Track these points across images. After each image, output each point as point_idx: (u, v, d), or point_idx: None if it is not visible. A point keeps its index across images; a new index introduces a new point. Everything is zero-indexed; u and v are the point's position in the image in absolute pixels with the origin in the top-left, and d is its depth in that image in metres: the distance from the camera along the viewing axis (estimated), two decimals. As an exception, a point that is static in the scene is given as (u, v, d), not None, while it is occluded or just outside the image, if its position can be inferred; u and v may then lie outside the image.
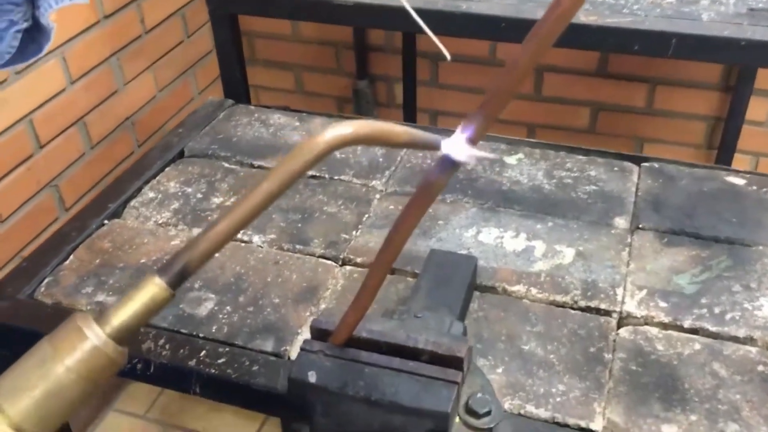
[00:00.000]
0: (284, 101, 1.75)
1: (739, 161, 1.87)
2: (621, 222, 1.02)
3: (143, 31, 1.81)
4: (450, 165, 0.51)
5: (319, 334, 0.66)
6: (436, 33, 1.20)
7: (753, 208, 1.02)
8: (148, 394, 1.91)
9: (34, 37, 0.66)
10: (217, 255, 0.97)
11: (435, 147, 0.51)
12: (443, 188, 0.53)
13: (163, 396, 1.90)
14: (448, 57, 0.92)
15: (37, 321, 0.89)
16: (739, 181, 1.07)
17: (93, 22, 1.64)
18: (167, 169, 1.16)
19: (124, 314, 0.46)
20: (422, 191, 0.53)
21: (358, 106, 2.11)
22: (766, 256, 0.95)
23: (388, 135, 0.49)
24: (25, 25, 0.64)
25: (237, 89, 1.44)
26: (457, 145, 0.49)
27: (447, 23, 1.17)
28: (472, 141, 0.48)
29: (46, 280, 0.96)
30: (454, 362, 0.63)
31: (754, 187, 1.06)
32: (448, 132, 0.52)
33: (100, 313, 0.46)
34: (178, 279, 0.47)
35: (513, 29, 1.13)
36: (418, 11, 1.16)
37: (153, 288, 0.46)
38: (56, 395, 0.45)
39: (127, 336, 0.46)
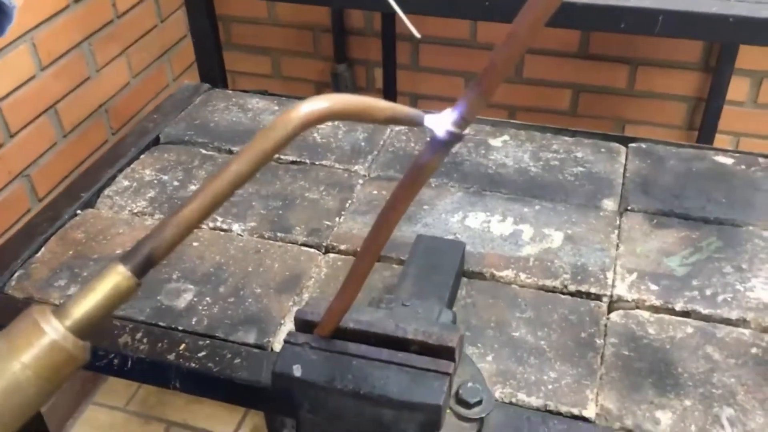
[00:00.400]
0: (262, 86, 1.71)
1: (721, 141, 1.87)
2: (609, 204, 1.00)
3: (115, 15, 1.76)
4: (441, 146, 0.49)
5: (303, 325, 0.63)
6: (421, 13, 1.17)
7: (742, 188, 1.01)
8: (128, 387, 1.87)
9: None
10: (195, 244, 0.94)
11: (418, 123, 0.48)
12: (435, 170, 0.50)
13: (142, 389, 1.87)
14: (417, 35, 0.89)
15: (7, 316, 0.84)
16: (727, 160, 1.06)
17: (63, 6, 1.59)
18: (142, 156, 1.12)
19: (85, 305, 0.42)
20: (413, 174, 0.51)
21: (337, 90, 2.07)
22: (756, 236, 0.93)
23: (367, 109, 0.46)
24: None
25: (213, 74, 1.40)
26: (440, 121, 0.46)
27: (432, 2, 1.14)
28: (466, 119, 0.46)
29: (17, 274, 0.92)
30: (445, 352, 0.61)
31: (743, 167, 1.05)
32: (432, 113, 0.49)
33: (59, 306, 0.43)
34: (144, 267, 0.43)
35: (499, 7, 1.10)
36: (400, -10, 1.13)
37: (116, 277, 0.43)
38: (12, 395, 0.41)
39: (89, 329, 0.43)
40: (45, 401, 0.43)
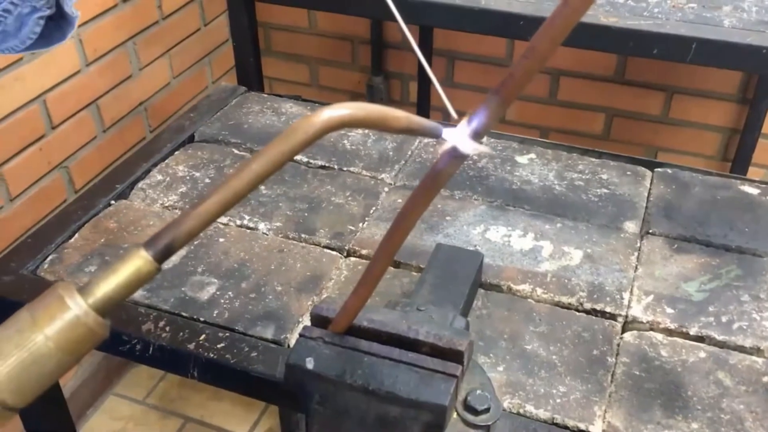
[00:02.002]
0: (298, 93, 1.75)
1: (754, 174, 1.85)
2: (631, 226, 1.00)
3: (160, 17, 1.81)
4: (458, 155, 0.50)
5: (319, 320, 0.65)
6: (454, 28, 1.19)
7: (766, 219, 1.01)
8: (149, 380, 1.91)
9: (58, 24, 0.66)
10: (221, 240, 0.97)
11: (435, 135, 0.50)
12: (450, 177, 0.52)
13: (163, 382, 1.91)
14: (455, 115, 0.91)
15: (38, 297, 0.88)
16: (753, 190, 1.06)
17: (111, 6, 1.64)
18: (177, 152, 1.15)
19: (107, 286, 0.44)
20: (429, 180, 0.52)
21: (372, 101, 2.10)
22: (777, 267, 0.93)
23: (386, 119, 0.48)
24: (47, 12, 0.63)
25: (251, 79, 1.44)
26: (459, 135, 0.48)
27: (465, 19, 1.16)
28: (481, 130, 0.47)
29: (50, 257, 0.95)
30: (454, 356, 0.62)
31: (768, 198, 1.05)
32: (451, 126, 0.51)
33: (84, 284, 0.45)
34: (164, 253, 0.45)
35: (532, 27, 1.12)
36: (438, 6, 1.15)
37: (138, 261, 0.45)
38: (33, 365, 0.43)
39: (110, 308, 0.45)
40: (62, 374, 0.45)
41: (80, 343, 0.44)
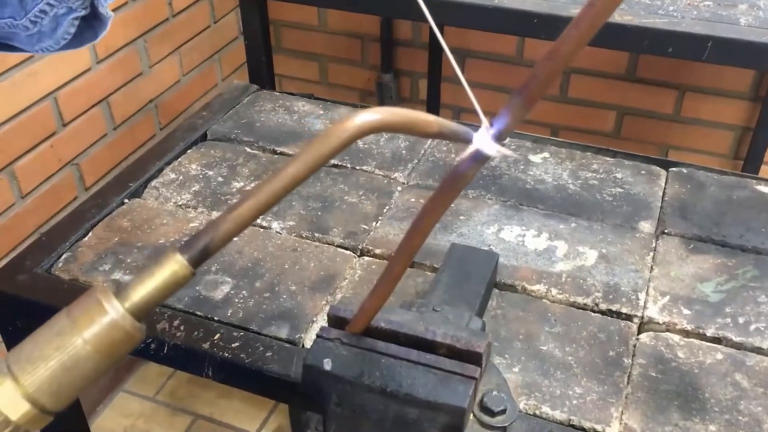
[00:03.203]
0: (307, 91, 1.75)
1: (767, 173, 1.84)
2: (646, 226, 1.00)
3: (170, 14, 1.81)
4: (481, 158, 0.50)
5: (336, 321, 0.65)
6: (467, 27, 1.19)
7: (782, 219, 1.00)
8: (158, 377, 1.91)
9: (91, 24, 0.66)
10: (235, 239, 0.97)
11: (466, 140, 0.49)
12: (472, 179, 0.52)
13: (172, 380, 1.91)
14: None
15: (53, 296, 0.88)
16: (769, 190, 1.05)
17: (122, 3, 1.64)
18: (189, 151, 1.15)
19: (144, 290, 0.45)
20: (450, 182, 0.52)
21: (381, 99, 2.10)
22: (794, 268, 0.93)
23: (418, 124, 0.48)
24: (83, 12, 0.63)
25: (262, 76, 1.43)
26: (488, 141, 0.48)
27: (479, 17, 1.15)
28: (504, 131, 0.47)
29: (64, 256, 0.95)
30: (472, 357, 0.62)
31: (784, 198, 1.04)
32: (476, 126, 0.50)
33: (120, 288, 0.45)
34: (200, 258, 0.45)
35: (546, 25, 1.11)
36: (451, 3, 1.15)
37: (174, 265, 0.45)
38: (71, 368, 0.44)
39: (146, 312, 0.45)
40: (99, 377, 0.45)
41: (117, 346, 0.44)
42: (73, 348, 0.43)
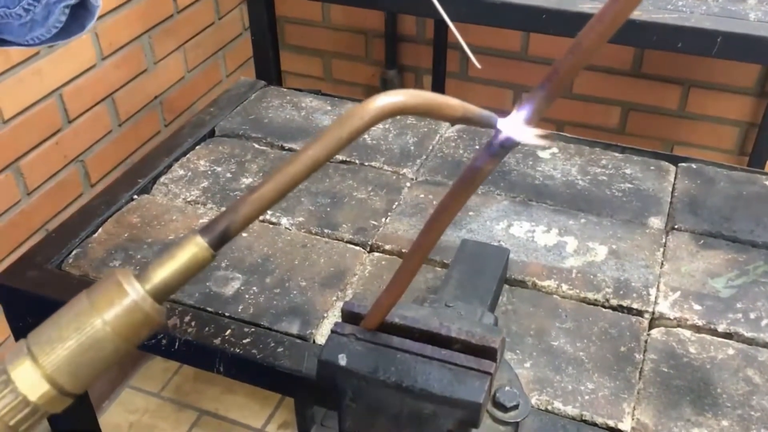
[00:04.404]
0: (312, 87, 1.74)
1: (771, 169, 1.84)
2: (656, 222, 1.00)
3: (175, 10, 1.80)
4: (500, 150, 0.50)
5: (350, 317, 0.65)
6: (475, 23, 1.18)
7: (792, 215, 1.00)
8: (164, 373, 1.92)
9: (77, 15, 0.66)
10: (245, 235, 0.97)
11: (490, 124, 0.49)
12: (490, 173, 0.51)
13: (178, 376, 1.91)
14: (478, 65, 0.91)
15: (64, 292, 0.87)
16: (778, 186, 1.05)
17: (126, 0, 1.64)
18: (198, 147, 1.15)
19: (164, 272, 0.44)
20: (468, 176, 0.52)
21: (386, 95, 2.09)
22: (805, 263, 0.92)
23: (441, 107, 0.47)
24: (73, 1, 0.63)
25: (269, 72, 1.43)
26: (513, 125, 0.47)
27: (487, 13, 1.15)
28: (529, 121, 0.47)
29: (74, 252, 0.95)
30: (487, 352, 0.62)
31: (794, 193, 1.04)
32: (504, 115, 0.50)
33: (141, 270, 0.45)
34: (220, 240, 0.45)
35: (554, 21, 1.11)
36: (459, 0, 1.15)
37: (194, 248, 0.44)
38: (90, 349, 0.43)
39: (167, 294, 0.45)
40: (118, 360, 0.44)
41: (137, 328, 0.44)
42: (92, 329, 0.43)
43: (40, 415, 0.44)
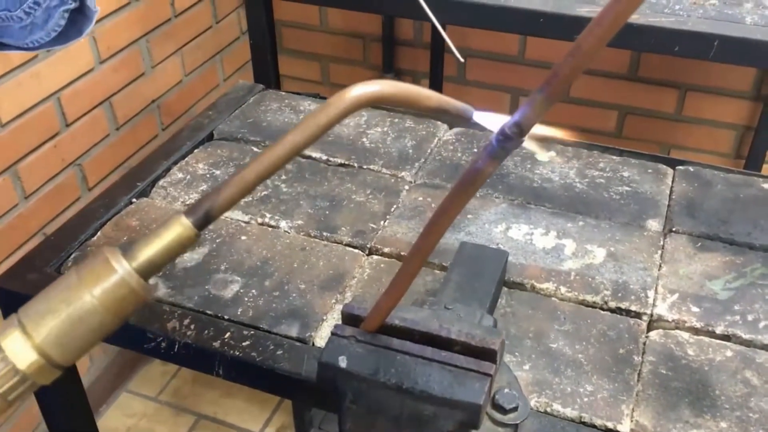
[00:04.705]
0: (310, 91, 1.75)
1: (768, 172, 1.85)
2: (654, 224, 1.00)
3: (173, 14, 1.81)
4: (497, 152, 0.50)
5: (350, 319, 0.65)
6: (473, 26, 1.19)
7: (789, 217, 1.00)
8: (161, 377, 1.91)
9: (75, 20, 0.68)
10: (243, 238, 0.97)
11: (466, 116, 0.50)
12: (489, 176, 0.52)
13: (175, 379, 1.91)
14: (461, 59, 0.93)
15: (62, 295, 0.88)
16: (775, 188, 1.05)
17: (124, 3, 1.65)
18: (196, 150, 1.15)
19: (150, 250, 0.47)
20: (467, 178, 0.52)
21: (384, 99, 2.10)
22: (802, 265, 0.93)
23: (416, 97, 0.49)
24: (72, 5, 0.65)
25: (267, 75, 1.43)
26: (493, 120, 0.48)
27: (485, 16, 1.15)
28: (525, 126, 0.47)
29: (73, 255, 0.95)
30: (487, 354, 0.62)
31: (790, 196, 1.04)
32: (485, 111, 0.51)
33: (127, 248, 0.47)
34: (204, 220, 0.48)
35: (552, 24, 1.11)
36: (456, 3, 1.15)
37: (179, 227, 0.47)
38: (78, 321, 0.45)
39: (153, 271, 0.47)
40: (105, 335, 0.47)
41: (124, 302, 0.46)
42: (80, 302, 0.45)
43: (28, 386, 0.46)
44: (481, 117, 0.49)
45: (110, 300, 0.46)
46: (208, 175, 1.10)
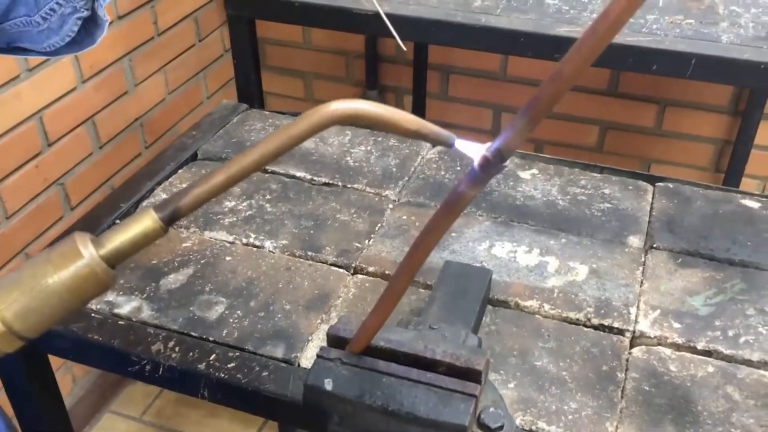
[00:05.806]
0: (293, 108, 1.75)
1: (747, 185, 1.88)
2: (635, 241, 1.01)
3: (156, 32, 1.81)
4: (479, 175, 0.51)
5: (335, 341, 0.65)
6: (455, 46, 1.20)
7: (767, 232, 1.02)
8: (145, 397, 1.90)
9: (88, 28, 0.70)
10: (228, 259, 0.97)
11: (447, 144, 0.51)
12: (472, 199, 0.52)
13: (159, 399, 1.89)
14: (403, 47, 0.93)
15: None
16: (754, 204, 1.07)
17: (108, 22, 1.64)
18: (180, 171, 1.15)
19: (118, 240, 0.49)
20: (451, 201, 0.53)
21: (367, 116, 2.11)
22: (780, 280, 0.94)
23: (395, 120, 0.50)
24: (85, 13, 0.68)
25: (251, 92, 1.44)
26: (475, 148, 0.49)
27: (466, 36, 1.17)
28: (506, 150, 0.48)
29: (55, 278, 0.95)
30: (472, 375, 0.63)
31: (768, 211, 1.06)
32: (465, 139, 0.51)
33: (97, 237, 0.50)
34: (171, 217, 0.50)
35: (532, 44, 1.13)
36: (439, 23, 1.17)
37: (148, 221, 0.50)
38: (41, 296, 0.48)
39: (118, 260, 0.50)
40: (66, 313, 0.50)
41: (87, 286, 0.49)
42: (44, 278, 0.48)
43: None
44: (462, 145, 0.50)
45: (74, 282, 0.48)
46: (192, 196, 1.09)
